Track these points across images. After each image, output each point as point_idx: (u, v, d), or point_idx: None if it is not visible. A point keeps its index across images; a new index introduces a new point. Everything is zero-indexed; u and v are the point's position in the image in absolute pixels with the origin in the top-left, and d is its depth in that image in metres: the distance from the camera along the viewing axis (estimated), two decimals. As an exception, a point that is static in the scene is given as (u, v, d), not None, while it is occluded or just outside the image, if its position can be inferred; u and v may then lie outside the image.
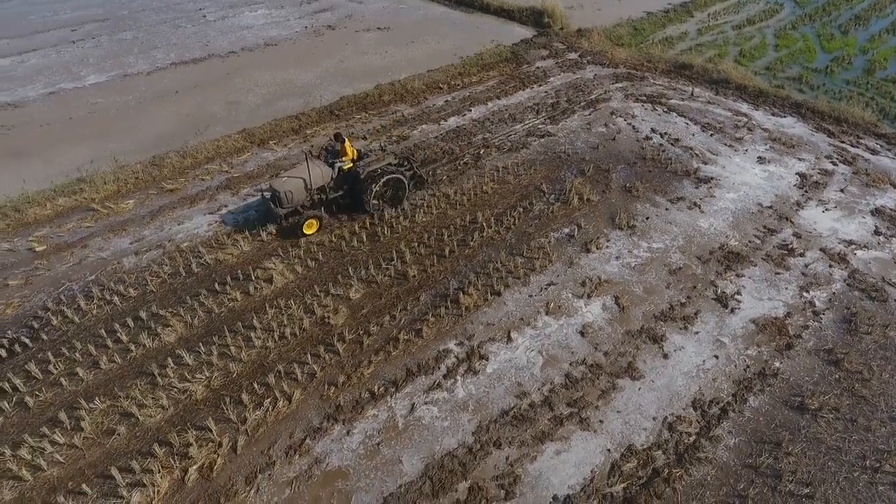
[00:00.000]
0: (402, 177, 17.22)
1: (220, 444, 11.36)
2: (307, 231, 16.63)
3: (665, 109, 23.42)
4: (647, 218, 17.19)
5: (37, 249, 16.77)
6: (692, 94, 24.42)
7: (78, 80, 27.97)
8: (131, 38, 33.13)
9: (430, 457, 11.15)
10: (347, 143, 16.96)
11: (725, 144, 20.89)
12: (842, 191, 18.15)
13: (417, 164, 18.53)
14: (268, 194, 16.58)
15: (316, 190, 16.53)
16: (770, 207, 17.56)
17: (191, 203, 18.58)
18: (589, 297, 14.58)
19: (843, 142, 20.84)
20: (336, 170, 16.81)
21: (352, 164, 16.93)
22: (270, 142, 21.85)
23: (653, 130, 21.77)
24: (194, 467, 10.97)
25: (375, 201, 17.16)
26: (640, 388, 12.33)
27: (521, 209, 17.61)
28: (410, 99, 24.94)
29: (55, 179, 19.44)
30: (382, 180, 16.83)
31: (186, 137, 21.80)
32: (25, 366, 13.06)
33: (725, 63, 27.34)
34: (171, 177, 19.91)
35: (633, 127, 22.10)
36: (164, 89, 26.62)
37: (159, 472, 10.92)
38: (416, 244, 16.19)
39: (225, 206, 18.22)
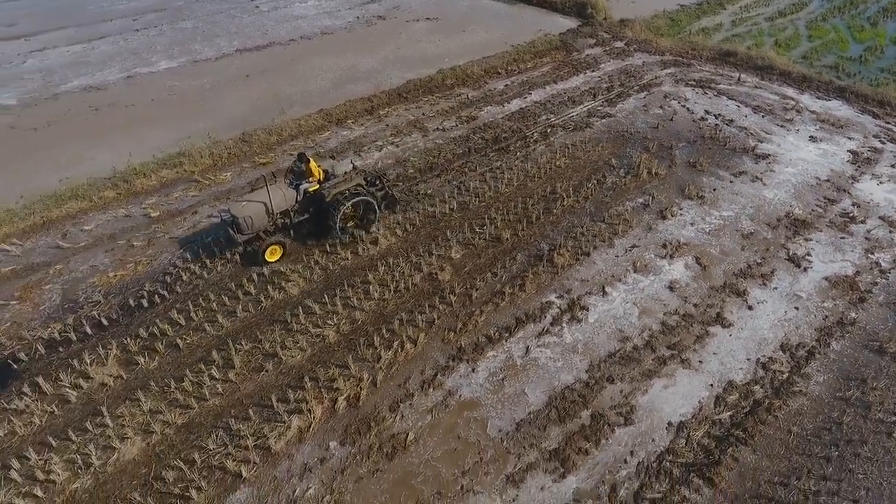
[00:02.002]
0: (371, 198, 16.09)
1: (360, 379, 12.50)
2: (270, 258, 15.51)
3: (715, 93, 24.46)
4: (713, 189, 18.29)
5: (152, 215, 17.94)
6: (739, 80, 25.48)
7: (151, 66, 29.07)
8: (192, 27, 34.19)
9: (551, 390, 12.29)
10: (312, 164, 15.66)
11: (777, 125, 21.95)
12: (893, 166, 19.19)
13: (390, 184, 17.28)
14: (227, 217, 15.36)
15: (279, 214, 15.46)
16: (827, 181, 18.66)
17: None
18: (671, 257, 15.69)
19: (888, 122, 21.88)
20: (301, 192, 15.65)
21: (318, 186, 15.78)
22: (348, 121, 22.97)
23: (707, 112, 22.83)
24: (342, 398, 12.12)
25: (342, 225, 16.06)
26: (730, 335, 13.45)
27: (595, 181, 18.71)
28: (472, 83, 26.03)
29: (156, 154, 20.50)
30: (350, 203, 15.70)
31: (266, 117, 22.93)
32: (168, 314, 14.24)
33: (769, 50, 28.29)
34: (260, 152, 21.04)
35: (688, 109, 23.17)
36: (234, 74, 27.72)
37: (312, 401, 11.96)
38: (505, 211, 17.23)
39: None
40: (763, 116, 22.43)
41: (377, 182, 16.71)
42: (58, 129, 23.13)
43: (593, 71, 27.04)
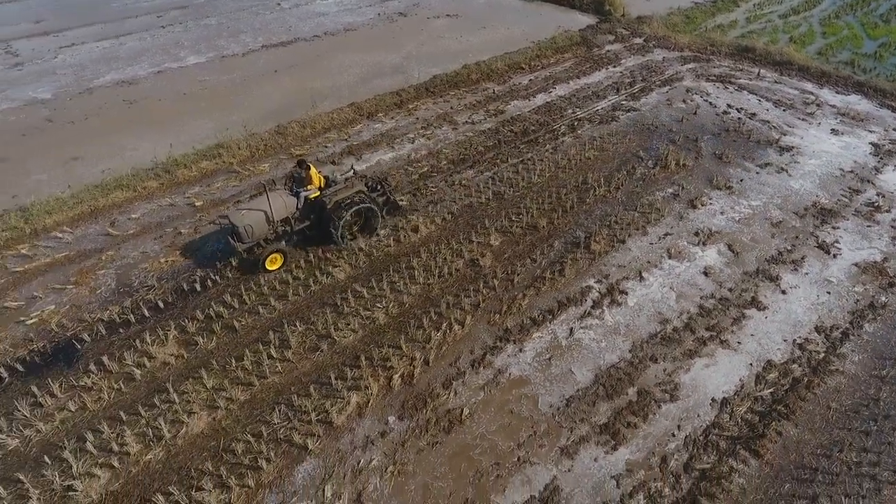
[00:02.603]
0: (373, 205, 15.82)
1: (413, 359, 12.97)
2: (270, 267, 15.24)
3: (736, 88, 24.89)
4: (740, 180, 18.74)
5: (196, 204, 18.42)
6: (759, 75, 25.86)
7: (180, 61, 29.53)
8: (216, 24, 34.64)
9: (597, 369, 12.77)
10: (312, 171, 15.40)
11: (799, 118, 22.38)
12: (915, 158, 19.64)
13: (391, 189, 16.93)
14: (227, 226, 15.04)
15: (280, 222, 15.18)
16: (851, 172, 19.10)
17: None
18: (704, 244, 16.15)
19: (908, 116, 22.30)
20: (301, 199, 15.39)
21: (318, 193, 15.53)
22: (378, 114, 23.43)
23: (729, 106, 23.26)
24: (397, 375, 12.60)
25: (344, 232, 15.86)
26: (766, 317, 13.91)
27: (625, 172, 19.16)
28: (497, 78, 26.47)
29: (195, 146, 20.98)
30: (352, 210, 15.45)
31: (298, 110, 23.38)
32: (222, 297, 14.73)
33: (787, 46, 28.70)
34: (295, 144, 21.51)
35: (710, 103, 23.60)
36: (262, 69, 28.18)
37: (368, 378, 12.45)
38: (539, 201, 17.69)
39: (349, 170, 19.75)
40: (784, 110, 22.84)
41: (378, 187, 16.46)
42: (95, 122, 23.60)
43: (615, 66, 27.44)
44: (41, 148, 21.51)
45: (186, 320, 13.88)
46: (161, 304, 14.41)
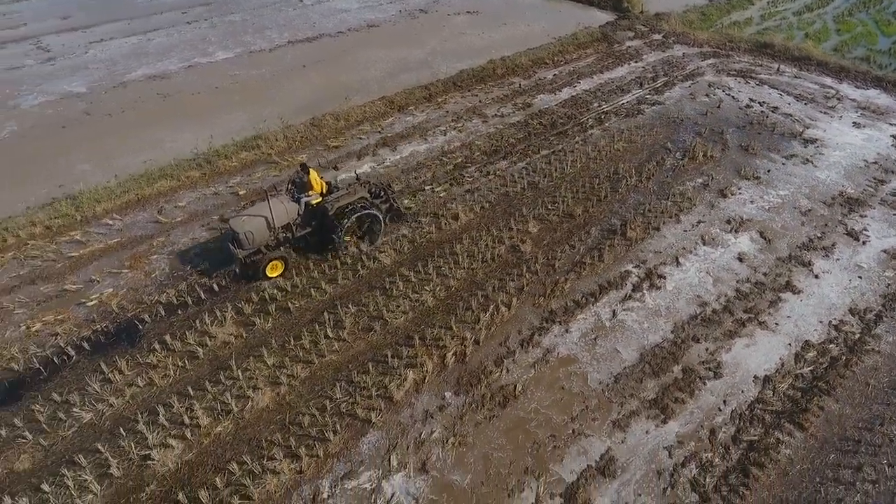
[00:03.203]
0: (375, 212, 15.49)
1: (464, 338, 13.44)
2: (271, 274, 14.90)
3: (757, 83, 25.32)
4: (768, 171, 19.19)
5: (239, 193, 18.90)
6: (778, 70, 26.28)
7: (208, 56, 29.98)
8: (240, 20, 35.08)
9: (641, 348, 13.23)
10: (314, 176, 15.13)
11: (821, 112, 22.82)
12: (936, 150, 20.06)
13: (394, 195, 16.68)
14: (227, 232, 14.76)
15: (281, 228, 14.86)
16: (875, 163, 19.54)
17: (357, 157, 20.64)
18: (736, 231, 16.60)
19: (927, 110, 22.72)
20: (303, 205, 15.06)
21: (320, 199, 15.19)
22: (409, 107, 23.90)
23: (751, 100, 23.70)
24: (450, 354, 13.07)
25: (347, 238, 15.54)
26: (801, 301, 14.37)
27: (655, 163, 19.60)
28: (521, 72, 26.92)
29: (234, 137, 21.45)
30: (354, 216, 15.11)
31: (330, 104, 23.83)
32: (275, 280, 15.16)
33: (806, 42, 29.10)
34: (331, 136, 21.97)
35: (733, 97, 24.03)
36: (290, 64, 28.62)
37: (423, 356, 12.93)
38: (573, 190, 18.15)
39: (386, 160, 20.31)
40: (806, 104, 23.27)
41: (382, 194, 16.15)
42: (132, 115, 24.06)
43: (636, 62, 27.87)
44: (82, 139, 21.99)
45: (242, 302, 14.33)
46: (216, 287, 14.86)
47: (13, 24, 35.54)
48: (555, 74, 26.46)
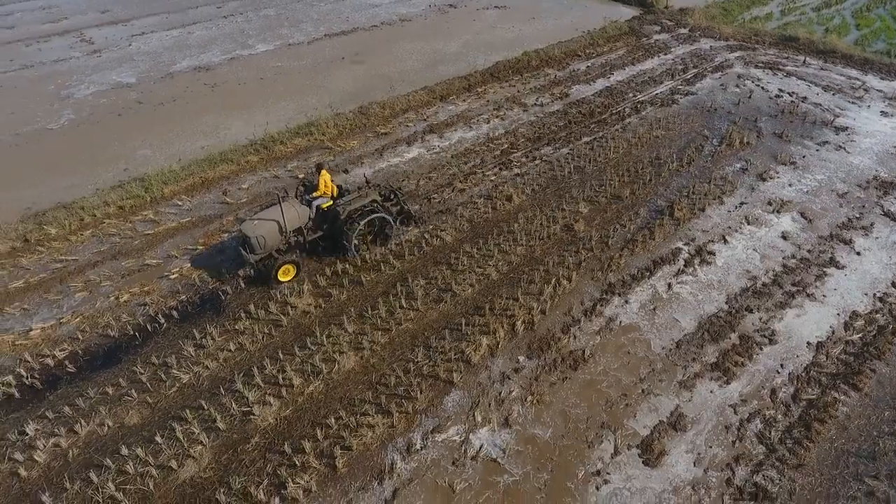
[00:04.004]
0: (387, 215, 15.36)
1: (530, 308, 14.19)
2: (282, 278, 14.73)
3: (784, 74, 26.00)
4: (803, 156, 19.90)
5: (299, 176, 19.65)
6: (805, 62, 26.93)
7: (249, 49, 30.73)
8: (275, 15, 35.80)
9: (699, 317, 13.98)
10: (325, 176, 15.08)
11: (849, 101, 23.50)
12: (963, 138, 20.75)
13: (404, 198, 16.55)
14: (238, 236, 14.73)
15: (292, 232, 14.72)
16: (906, 149, 20.20)
17: (407, 143, 21.39)
18: (778, 212, 17.32)
19: (951, 100, 23.40)
20: (314, 209, 14.96)
21: (331, 203, 15.10)
22: (451, 97, 24.63)
23: (780, 90, 24.38)
24: (519, 322, 13.82)
25: (357, 242, 15.38)
26: (845, 275, 15.10)
27: (694, 149, 20.32)
28: (555, 64, 27.62)
29: (288, 124, 22.22)
30: (366, 220, 14.99)
31: (373, 93, 24.59)
32: (345, 256, 15.94)
33: (830, 35, 29.76)
34: (378, 124, 22.72)
35: (762, 88, 24.73)
36: (330, 56, 29.36)
37: (494, 324, 13.69)
38: (618, 174, 18.88)
39: (435, 146, 21.04)
40: (834, 94, 23.95)
41: (392, 197, 16.05)
42: (183, 104, 24.83)
43: (666, 54, 28.55)
44: (138, 126, 22.78)
45: (317, 276, 15.08)
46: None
47: (55, 17, 36.29)
48: (588, 66, 27.13)
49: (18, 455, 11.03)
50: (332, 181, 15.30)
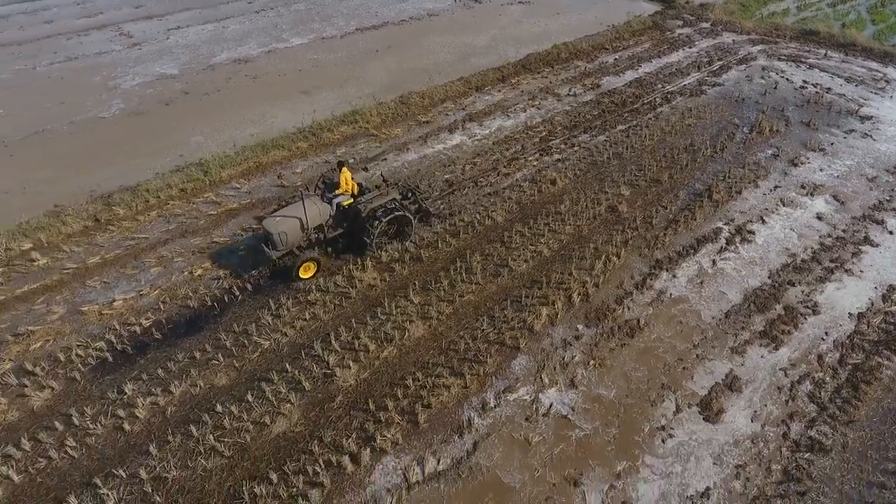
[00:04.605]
0: (407, 213, 15.44)
1: (584, 282, 14.96)
2: (303, 275, 14.70)
3: (807, 66, 26.70)
4: (831, 143, 20.62)
5: (349, 161, 20.38)
6: (826, 55, 27.62)
7: (284, 42, 31.46)
8: (305, 10, 36.52)
9: (744, 290, 14.73)
10: (346, 174, 15.18)
11: (871, 92, 24.20)
12: (985, 125, 21.44)
13: (423, 197, 16.73)
14: (260, 233, 14.72)
15: (313, 229, 14.76)
16: (930, 137, 20.89)
17: (449, 130, 22.13)
18: (811, 195, 18.05)
19: (971, 91, 24.08)
20: (335, 206, 14.99)
21: (351, 201, 15.20)
22: (486, 87, 25.37)
23: (805, 82, 25.08)
24: (574, 294, 14.59)
25: (379, 240, 15.38)
26: (880, 252, 15.84)
27: (726, 136, 21.06)
28: (584, 57, 28.34)
29: (334, 112, 22.98)
30: (387, 218, 15.00)
31: (409, 85, 25.26)
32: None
33: (850, 29, 30.42)
34: (419, 112, 23.46)
35: (787, 79, 25.44)
36: (364, 49, 30.08)
37: (552, 296, 14.46)
38: (656, 159, 19.65)
39: (476, 133, 21.82)
40: (856, 85, 24.66)
41: (410, 195, 16.22)
42: (228, 94, 25.58)
43: (690, 47, 29.25)
44: (188, 115, 23.53)
45: (381, 252, 15.84)
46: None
47: (90, 13, 37.05)
48: (615, 59, 27.84)
49: (121, 412, 11.75)
50: (352, 179, 15.41)
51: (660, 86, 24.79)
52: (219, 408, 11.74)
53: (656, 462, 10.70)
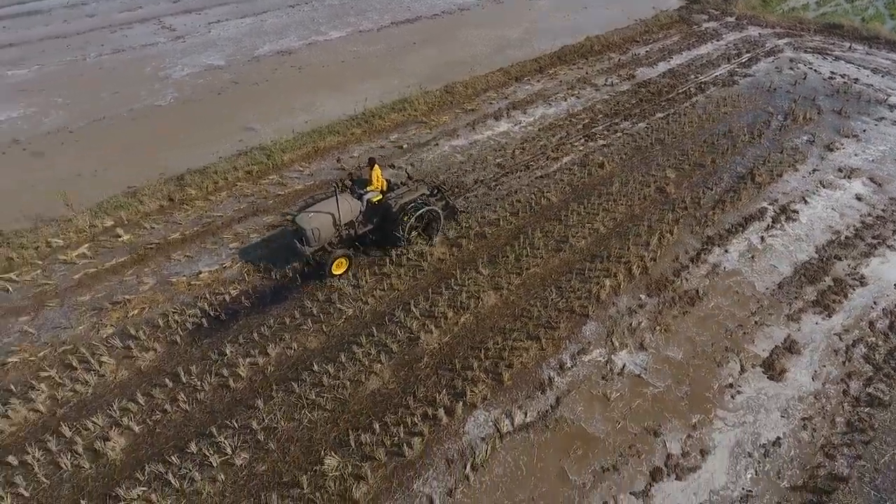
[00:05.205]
0: (436, 209, 15.55)
1: (641, 257, 15.76)
2: (336, 271, 14.68)
3: (833, 58, 27.41)
4: (863, 130, 21.36)
5: (403, 146, 21.22)
6: (850, 48, 28.34)
7: (323, 35, 32.22)
8: (339, 4, 37.27)
9: (793, 264, 15.51)
10: (377, 171, 15.18)
11: (898, 83, 24.89)
12: None
13: (449, 193, 16.82)
14: (292, 228, 14.80)
15: (345, 225, 14.68)
16: (958, 124, 21.63)
17: (494, 118, 22.92)
18: (849, 178, 18.81)
19: None
20: (365, 202, 14.99)
21: (381, 197, 15.20)
22: (525, 77, 26.12)
23: (832, 73, 25.80)
24: (634, 266, 15.39)
25: (408, 235, 15.31)
26: (919, 229, 16.57)
27: (762, 123, 21.82)
28: (616, 49, 29.07)
29: (383, 100, 23.78)
30: (417, 214, 15.05)
31: (449, 75, 25.97)
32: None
33: (873, 22, 31.12)
34: (464, 101, 24.25)
35: (815, 70, 26.16)
36: (402, 42, 30.83)
37: (613, 268, 15.27)
38: (697, 145, 20.53)
39: (521, 121, 22.65)
40: (883, 76, 25.39)
41: (436, 192, 16.28)
42: (275, 84, 26.36)
43: (718, 40, 29.98)
44: (240, 103, 24.31)
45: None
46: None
47: (130, 6, 37.84)
48: (647, 51, 28.58)
49: (224, 371, 12.60)
50: (382, 176, 15.42)
51: (693, 76, 25.51)
52: (315, 367, 12.51)
53: (728, 415, 11.51)
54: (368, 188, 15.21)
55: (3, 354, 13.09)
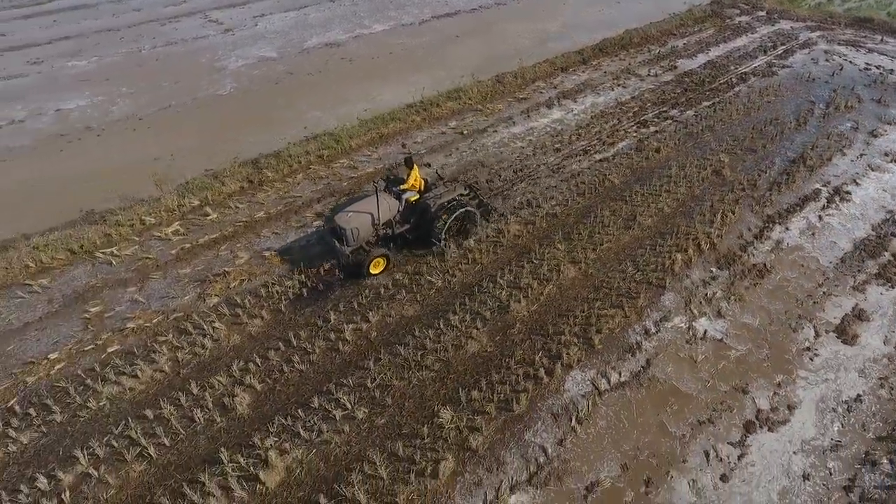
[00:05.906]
0: (473, 209, 15.40)
1: (707, 234, 16.46)
2: (374, 271, 14.57)
3: (866, 50, 28.00)
4: (904, 118, 21.96)
5: (463, 133, 21.93)
6: (882, 40, 28.94)
7: (367, 28, 32.89)
8: (378, -1, 37.87)
9: (852, 240, 16.18)
10: (415, 170, 15.11)
11: (933, 73, 25.48)
12: None
13: (483, 193, 16.82)
14: (329, 228, 14.60)
15: (382, 225, 14.53)
16: None
17: (546, 106, 23.60)
18: (895, 161, 19.48)
19: None
20: (402, 202, 14.84)
21: (418, 196, 15.11)
22: (570, 68, 26.77)
23: (867, 64, 26.41)
24: (702, 243, 16.08)
25: (445, 236, 15.15)
26: (967, 209, 17.23)
27: (805, 111, 22.46)
28: (655, 41, 29.69)
29: (437, 89, 24.48)
30: (457, 213, 14.90)
31: (496, 67, 26.63)
32: (524, 197, 18.21)
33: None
34: (515, 90, 24.93)
35: (850, 62, 26.76)
36: (445, 35, 31.49)
37: (683, 243, 15.96)
38: (746, 131, 21.18)
39: (573, 109, 23.39)
40: (917, 67, 25.93)
41: (469, 192, 16.16)
42: (329, 75, 27.07)
43: (752, 34, 30.58)
44: (299, 92, 25.00)
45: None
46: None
47: (175, 1, 38.46)
48: (684, 43, 29.20)
49: (332, 335, 13.37)
50: (420, 175, 15.37)
51: (732, 67, 26.15)
52: (416, 332, 13.25)
53: (809, 374, 12.26)
54: (402, 187, 15.13)
55: (121, 321, 13.81)
